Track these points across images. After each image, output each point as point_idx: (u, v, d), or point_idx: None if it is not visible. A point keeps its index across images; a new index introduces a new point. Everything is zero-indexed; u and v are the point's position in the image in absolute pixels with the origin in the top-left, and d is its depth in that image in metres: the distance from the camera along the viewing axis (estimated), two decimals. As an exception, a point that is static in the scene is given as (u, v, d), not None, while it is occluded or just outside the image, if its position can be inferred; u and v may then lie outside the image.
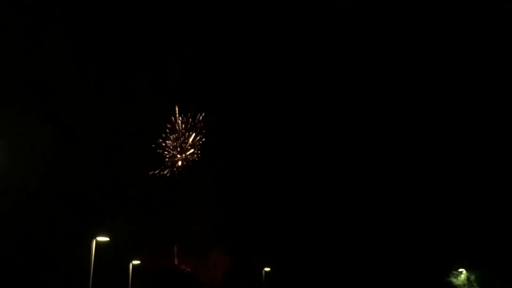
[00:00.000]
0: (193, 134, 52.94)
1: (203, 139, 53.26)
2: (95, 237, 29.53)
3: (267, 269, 51.76)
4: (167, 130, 52.68)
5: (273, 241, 52.32)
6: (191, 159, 53.11)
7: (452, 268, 49.67)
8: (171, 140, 52.58)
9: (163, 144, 52.51)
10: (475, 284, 48.31)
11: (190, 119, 52.94)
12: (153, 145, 51.55)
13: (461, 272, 48.96)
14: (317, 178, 55.35)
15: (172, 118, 52.65)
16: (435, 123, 55.78)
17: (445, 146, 55.30)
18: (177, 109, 52.73)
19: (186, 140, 53.04)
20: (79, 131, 45.62)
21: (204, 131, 53.08)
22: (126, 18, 49.63)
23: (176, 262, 49.74)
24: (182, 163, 53.02)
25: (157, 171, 51.39)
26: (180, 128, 52.96)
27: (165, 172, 51.90)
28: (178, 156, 52.99)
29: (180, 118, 52.71)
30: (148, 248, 44.12)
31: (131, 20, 50.24)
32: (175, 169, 52.40)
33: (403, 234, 53.34)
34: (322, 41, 55.00)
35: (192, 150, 53.21)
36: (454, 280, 49.46)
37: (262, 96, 55.75)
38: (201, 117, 53.03)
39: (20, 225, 37.37)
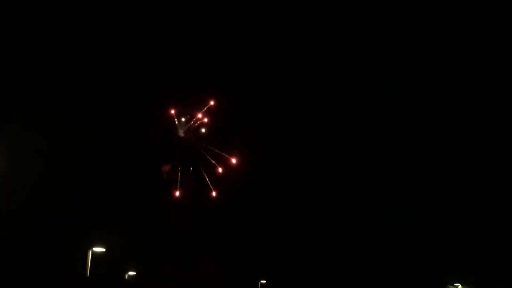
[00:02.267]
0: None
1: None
2: (91, 248, 29.81)
3: (263, 281, 51.75)
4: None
5: (269, 252, 52.15)
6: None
7: (448, 282, 49.68)
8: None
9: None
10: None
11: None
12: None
13: (456, 287, 48.98)
14: (315, 187, 55.16)
15: None
16: (435, 130, 55.67)
17: (443, 157, 55.29)
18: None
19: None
20: (74, 138, 45.58)
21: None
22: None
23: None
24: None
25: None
26: None
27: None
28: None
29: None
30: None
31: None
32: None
33: (397, 247, 53.30)
34: (322, 41, 54.74)
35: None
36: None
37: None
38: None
39: (16, 235, 37.42)
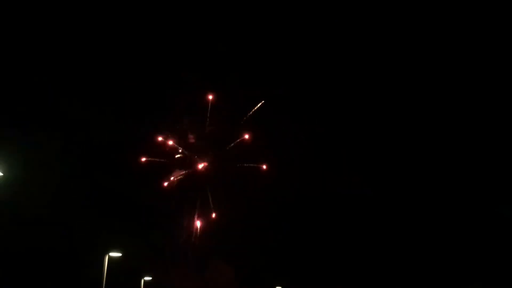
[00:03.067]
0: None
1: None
2: (107, 253, 30.05)
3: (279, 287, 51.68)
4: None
5: (285, 258, 52.13)
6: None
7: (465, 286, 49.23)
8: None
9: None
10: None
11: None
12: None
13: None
14: (327, 193, 55.01)
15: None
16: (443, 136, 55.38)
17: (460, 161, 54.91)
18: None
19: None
20: (89, 144, 46.08)
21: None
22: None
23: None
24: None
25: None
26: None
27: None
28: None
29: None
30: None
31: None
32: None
33: (417, 255, 52.91)
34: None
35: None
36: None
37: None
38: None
39: (34, 240, 37.91)
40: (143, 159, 49.75)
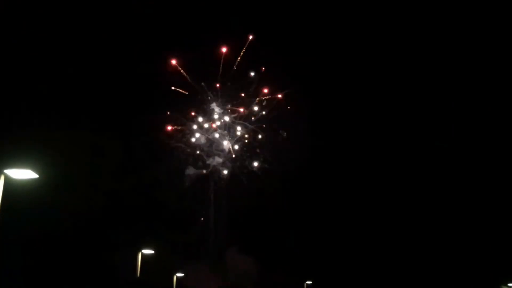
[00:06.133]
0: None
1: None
2: (141, 250, 31.00)
3: (309, 282, 51.83)
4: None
5: (315, 253, 52.12)
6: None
7: (502, 282, 48.55)
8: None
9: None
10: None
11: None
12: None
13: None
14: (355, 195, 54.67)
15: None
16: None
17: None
18: None
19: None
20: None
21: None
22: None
23: None
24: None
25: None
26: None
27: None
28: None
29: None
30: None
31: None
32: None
33: (452, 248, 52.34)
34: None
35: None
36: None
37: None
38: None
39: (72, 238, 39.18)
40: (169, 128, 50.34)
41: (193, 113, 51.01)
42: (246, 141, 51.40)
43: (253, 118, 51.02)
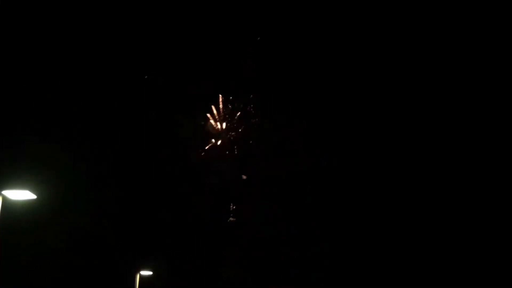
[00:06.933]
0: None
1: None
2: (138, 272, 30.60)
3: None
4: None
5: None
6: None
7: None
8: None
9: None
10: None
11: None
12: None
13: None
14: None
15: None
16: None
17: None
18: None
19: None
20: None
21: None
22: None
23: None
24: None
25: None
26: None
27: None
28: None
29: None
30: None
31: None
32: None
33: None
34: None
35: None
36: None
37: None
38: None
39: (71, 259, 38.84)
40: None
41: None
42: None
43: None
